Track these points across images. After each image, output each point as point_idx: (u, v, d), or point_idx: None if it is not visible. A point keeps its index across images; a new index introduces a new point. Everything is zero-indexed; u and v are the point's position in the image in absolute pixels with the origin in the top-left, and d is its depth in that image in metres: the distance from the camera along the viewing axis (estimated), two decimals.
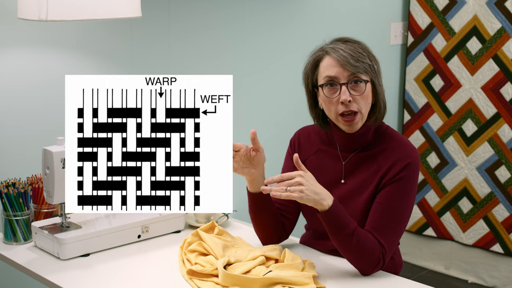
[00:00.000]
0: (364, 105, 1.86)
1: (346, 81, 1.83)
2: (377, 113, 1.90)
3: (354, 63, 1.82)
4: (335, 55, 1.83)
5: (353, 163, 1.94)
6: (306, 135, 2.05)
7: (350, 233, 1.78)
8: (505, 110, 3.38)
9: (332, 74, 1.84)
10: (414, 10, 3.66)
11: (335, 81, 1.84)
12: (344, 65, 1.82)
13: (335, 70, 1.84)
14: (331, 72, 1.84)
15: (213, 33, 2.81)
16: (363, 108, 1.86)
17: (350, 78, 1.83)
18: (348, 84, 1.83)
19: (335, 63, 1.84)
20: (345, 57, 1.82)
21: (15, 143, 2.28)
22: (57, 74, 2.34)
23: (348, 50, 1.83)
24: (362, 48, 1.86)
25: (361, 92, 1.84)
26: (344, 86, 1.83)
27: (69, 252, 1.92)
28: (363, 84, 1.84)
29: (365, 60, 1.83)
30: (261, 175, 1.90)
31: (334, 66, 1.84)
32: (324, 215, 1.78)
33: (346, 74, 1.83)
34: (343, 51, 1.83)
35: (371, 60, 1.86)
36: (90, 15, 1.93)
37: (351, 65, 1.82)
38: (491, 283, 3.55)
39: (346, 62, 1.82)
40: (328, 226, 1.80)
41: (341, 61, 1.82)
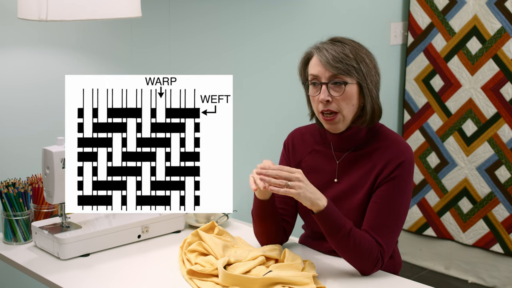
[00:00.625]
0: (346, 106, 1.86)
1: (327, 81, 1.85)
2: (366, 116, 1.89)
3: (335, 64, 1.83)
4: (319, 54, 1.86)
5: (347, 162, 1.94)
6: (300, 136, 2.05)
7: (347, 234, 1.78)
8: (505, 110, 3.38)
9: (314, 73, 1.87)
10: (414, 10, 3.66)
11: (317, 80, 1.87)
12: (324, 65, 1.85)
13: (317, 69, 1.86)
14: (314, 71, 1.87)
15: (213, 33, 2.81)
16: (344, 110, 1.86)
17: (330, 79, 1.85)
18: (329, 84, 1.85)
19: (318, 62, 1.87)
20: (326, 58, 1.84)
21: (15, 143, 2.28)
22: (57, 74, 2.34)
23: (332, 51, 1.84)
24: (351, 50, 1.86)
25: (340, 93, 1.85)
26: (324, 86, 1.85)
27: (69, 252, 1.92)
28: (342, 86, 1.85)
29: (349, 62, 1.84)
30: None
31: (317, 66, 1.87)
32: (319, 215, 1.78)
33: (327, 74, 1.85)
34: (327, 51, 1.85)
35: (359, 62, 1.85)
36: (90, 15, 1.93)
37: (331, 66, 1.83)
38: (491, 283, 3.55)
39: (326, 62, 1.84)
40: (324, 227, 1.80)
41: (322, 61, 1.85)
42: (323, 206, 1.77)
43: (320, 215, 1.78)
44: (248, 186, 1.89)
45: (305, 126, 2.07)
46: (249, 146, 3.03)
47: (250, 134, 3.03)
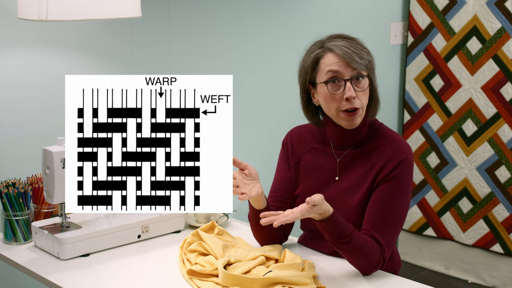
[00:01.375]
0: (365, 100, 1.88)
1: (350, 78, 1.84)
2: (373, 108, 1.91)
3: (359, 60, 1.83)
4: (340, 51, 1.83)
5: (347, 160, 1.94)
6: (298, 135, 2.05)
7: (350, 239, 1.78)
8: (505, 110, 3.38)
9: (335, 69, 1.84)
10: (414, 10, 3.66)
11: (339, 77, 1.84)
12: (349, 62, 1.83)
13: (338, 66, 1.84)
14: (335, 67, 1.84)
15: (213, 33, 2.81)
16: (364, 104, 1.87)
17: (353, 74, 1.84)
18: (352, 80, 1.84)
19: (338, 59, 1.84)
20: (349, 54, 1.83)
21: (15, 143, 2.28)
22: (57, 74, 2.34)
23: (351, 47, 1.84)
24: (360, 45, 1.87)
25: (364, 88, 1.85)
26: (349, 83, 1.84)
27: (69, 252, 1.92)
28: (365, 80, 1.86)
29: (366, 56, 1.85)
30: (263, 198, 1.90)
31: (338, 63, 1.84)
32: (324, 224, 1.77)
33: (349, 70, 1.84)
34: (347, 48, 1.83)
35: (369, 55, 1.88)
36: (90, 15, 1.93)
37: (356, 62, 1.82)
38: (491, 283, 3.55)
39: (351, 59, 1.82)
40: (328, 235, 1.79)
41: (347, 58, 1.83)
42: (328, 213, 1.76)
43: (326, 223, 1.77)
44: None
45: (303, 124, 2.07)
46: (249, 146, 3.03)
47: (250, 134, 3.03)
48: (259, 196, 1.87)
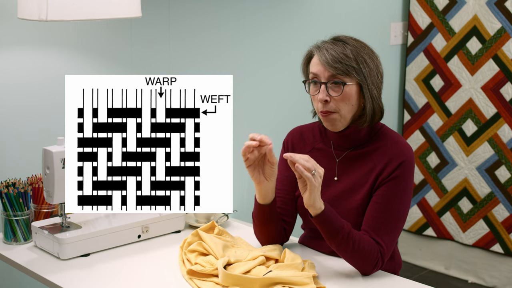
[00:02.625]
0: (344, 106, 1.86)
1: (326, 81, 1.86)
2: (366, 116, 1.89)
3: (333, 64, 1.83)
4: (318, 54, 1.86)
5: (347, 161, 1.94)
6: (299, 135, 2.05)
7: (346, 235, 1.78)
8: (505, 110, 3.38)
9: (314, 72, 1.88)
10: (414, 10, 3.66)
11: (317, 79, 1.87)
12: (324, 65, 1.85)
13: (317, 68, 1.87)
14: (314, 69, 1.88)
15: (213, 33, 2.81)
16: (342, 110, 1.86)
17: (329, 79, 1.85)
18: (328, 84, 1.85)
19: (318, 62, 1.87)
20: (325, 58, 1.84)
21: (15, 143, 2.28)
22: (57, 74, 2.34)
23: (332, 51, 1.84)
24: (352, 50, 1.85)
25: (339, 93, 1.85)
26: (323, 86, 1.86)
27: (69, 252, 1.92)
28: (341, 86, 1.84)
29: (348, 62, 1.83)
30: (272, 188, 1.89)
31: (317, 65, 1.87)
32: (318, 218, 1.77)
33: (326, 74, 1.85)
34: (327, 51, 1.85)
35: (359, 63, 1.84)
36: (90, 15, 1.93)
37: (330, 66, 1.83)
38: (491, 283, 3.55)
39: (325, 62, 1.84)
40: (323, 230, 1.79)
41: (321, 61, 1.85)
42: (321, 209, 1.77)
43: (319, 218, 1.77)
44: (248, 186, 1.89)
45: (305, 124, 2.07)
46: None
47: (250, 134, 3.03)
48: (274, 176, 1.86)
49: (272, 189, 1.88)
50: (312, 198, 1.75)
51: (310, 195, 1.74)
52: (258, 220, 1.94)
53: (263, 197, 1.89)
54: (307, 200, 1.76)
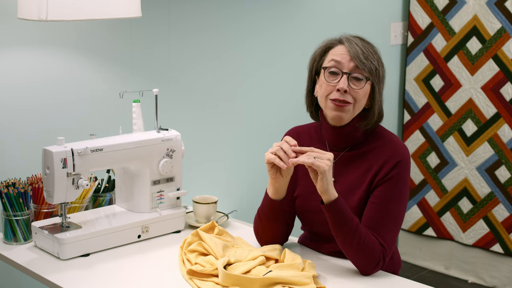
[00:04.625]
0: (359, 101, 1.88)
1: (349, 72, 1.86)
2: (369, 118, 1.90)
3: (363, 59, 1.85)
4: (349, 45, 1.87)
5: (343, 162, 1.94)
6: (296, 135, 2.04)
7: (354, 228, 1.78)
8: (505, 110, 3.38)
9: (338, 59, 1.87)
10: (414, 10, 3.66)
11: (339, 67, 1.86)
12: (353, 57, 1.85)
13: (343, 57, 1.87)
14: (339, 57, 1.87)
15: (213, 33, 2.81)
16: (357, 103, 1.87)
17: (353, 71, 1.86)
18: (350, 75, 1.85)
19: (345, 52, 1.87)
20: (356, 51, 1.85)
21: (15, 143, 2.28)
22: (57, 74, 2.34)
23: (362, 46, 1.87)
24: (374, 51, 1.90)
25: (360, 87, 1.86)
26: (345, 76, 1.85)
27: (69, 252, 1.92)
28: (363, 81, 1.86)
29: (373, 61, 1.87)
30: (285, 184, 1.88)
31: (343, 54, 1.87)
32: (330, 206, 1.77)
33: (351, 65, 1.86)
34: (357, 45, 1.87)
35: (379, 64, 1.89)
36: (90, 15, 1.93)
37: (359, 60, 1.85)
38: (491, 283, 3.55)
39: (356, 55, 1.85)
40: (332, 219, 1.79)
41: (352, 53, 1.86)
42: (334, 196, 1.77)
43: (331, 205, 1.77)
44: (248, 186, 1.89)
45: (301, 125, 2.07)
46: (249, 146, 3.03)
47: (250, 134, 3.03)
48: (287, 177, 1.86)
49: (285, 185, 1.88)
50: (325, 183, 1.75)
51: (322, 179, 1.74)
52: (266, 216, 1.92)
53: (276, 192, 1.88)
54: (320, 186, 1.76)
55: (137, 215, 2.09)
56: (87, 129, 2.31)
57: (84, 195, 2.16)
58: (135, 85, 2.51)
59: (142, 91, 2.21)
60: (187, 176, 2.50)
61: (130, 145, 2.04)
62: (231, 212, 2.44)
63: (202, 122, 2.84)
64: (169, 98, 2.67)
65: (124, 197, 2.16)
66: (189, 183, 2.60)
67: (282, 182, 1.86)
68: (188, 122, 2.77)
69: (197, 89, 2.79)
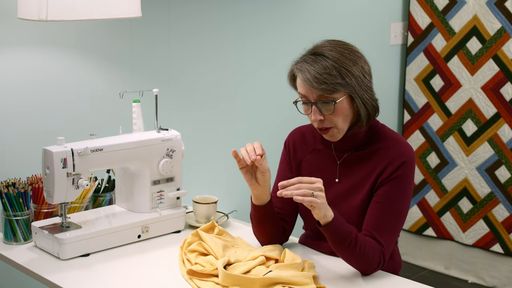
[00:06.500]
0: (339, 120, 1.84)
1: (315, 101, 1.82)
2: (361, 121, 1.87)
3: (319, 86, 1.78)
4: (302, 76, 1.81)
5: (348, 162, 1.94)
6: (300, 136, 2.05)
7: (354, 242, 1.77)
8: (505, 110, 3.38)
9: (302, 93, 1.84)
10: (414, 10, 3.66)
11: (306, 99, 1.84)
12: (309, 88, 1.81)
13: (304, 89, 1.83)
14: (301, 90, 1.84)
15: (213, 33, 2.81)
16: (338, 123, 1.84)
17: (318, 99, 1.82)
18: (318, 103, 1.82)
19: (303, 83, 1.83)
20: (309, 80, 1.79)
21: (15, 143, 2.28)
22: (57, 74, 2.34)
23: (313, 71, 1.79)
24: (333, 65, 1.79)
25: (331, 112, 1.82)
26: (314, 106, 1.83)
27: (69, 252, 1.92)
28: (331, 104, 1.81)
29: (333, 80, 1.78)
30: (266, 191, 1.88)
31: (303, 86, 1.83)
32: (328, 227, 1.76)
33: (314, 95, 1.82)
34: (309, 72, 1.79)
35: (344, 76, 1.79)
36: (90, 15, 1.93)
37: (316, 88, 1.79)
38: (491, 283, 3.55)
39: (310, 85, 1.80)
40: (332, 237, 1.78)
41: (307, 83, 1.80)
42: (331, 217, 1.76)
43: (329, 226, 1.76)
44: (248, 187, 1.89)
45: (305, 125, 2.07)
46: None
47: (250, 134, 3.03)
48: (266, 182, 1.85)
49: (265, 192, 1.88)
50: (323, 212, 1.74)
51: (320, 211, 1.73)
52: (255, 220, 1.95)
53: (257, 199, 1.90)
54: (317, 216, 1.75)
55: (137, 215, 2.09)
56: (87, 129, 2.31)
57: (84, 195, 2.16)
58: (135, 85, 2.51)
59: (142, 91, 2.21)
60: (187, 176, 2.50)
61: (130, 145, 2.04)
62: (231, 212, 2.44)
63: (202, 122, 2.84)
64: (169, 98, 2.67)
65: (124, 197, 2.16)
66: (189, 183, 2.60)
67: (260, 189, 1.87)
68: (188, 122, 2.77)
69: (197, 89, 2.79)
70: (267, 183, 1.87)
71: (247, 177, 1.85)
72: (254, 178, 1.85)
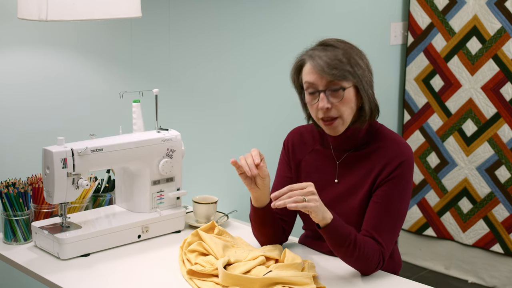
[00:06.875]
0: (345, 110, 1.84)
1: (324, 89, 1.82)
2: (364, 116, 1.88)
3: (330, 71, 1.79)
4: (313, 62, 1.82)
5: (347, 162, 1.94)
6: (299, 136, 2.05)
7: (353, 243, 1.77)
8: (505, 110, 3.38)
9: (310, 81, 1.84)
10: (414, 10, 3.66)
11: (314, 87, 1.84)
12: (320, 73, 1.81)
13: (313, 77, 1.83)
14: (310, 78, 1.84)
15: (213, 33, 2.81)
16: (344, 113, 1.84)
17: (328, 86, 1.82)
18: (327, 91, 1.82)
19: (312, 70, 1.83)
20: (321, 66, 1.80)
21: (15, 143, 2.28)
22: (57, 74, 2.34)
23: (325, 57, 1.81)
24: (343, 54, 1.82)
25: (340, 99, 1.82)
26: (323, 94, 1.82)
27: (69, 252, 1.92)
28: (341, 91, 1.82)
29: (344, 67, 1.81)
30: (265, 194, 1.89)
31: (312, 73, 1.83)
32: (327, 229, 1.76)
33: (323, 81, 1.82)
34: (320, 58, 1.81)
35: (353, 65, 1.82)
36: (90, 15, 1.93)
37: (327, 74, 1.80)
38: (491, 283, 3.55)
39: (321, 70, 1.80)
40: (331, 239, 1.78)
41: (317, 69, 1.81)
42: (330, 219, 1.76)
43: (328, 228, 1.76)
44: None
45: (304, 125, 2.07)
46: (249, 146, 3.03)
47: (250, 134, 3.03)
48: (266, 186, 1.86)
49: (265, 195, 1.89)
50: (320, 215, 1.74)
51: (316, 214, 1.73)
52: (255, 222, 1.95)
53: (256, 201, 1.90)
54: (315, 219, 1.75)
55: (137, 215, 2.09)
56: (87, 129, 2.31)
57: (84, 195, 2.16)
58: (135, 85, 2.51)
59: (142, 91, 2.21)
60: (187, 176, 2.50)
61: (130, 145, 2.04)
62: (231, 212, 2.44)
63: (202, 122, 2.84)
64: (169, 98, 2.67)
65: (124, 197, 2.16)
66: (189, 183, 2.60)
67: (259, 192, 1.87)
68: (188, 122, 2.77)
69: (197, 89, 2.79)
70: (267, 187, 1.87)
71: (246, 182, 1.86)
72: (253, 183, 1.86)
